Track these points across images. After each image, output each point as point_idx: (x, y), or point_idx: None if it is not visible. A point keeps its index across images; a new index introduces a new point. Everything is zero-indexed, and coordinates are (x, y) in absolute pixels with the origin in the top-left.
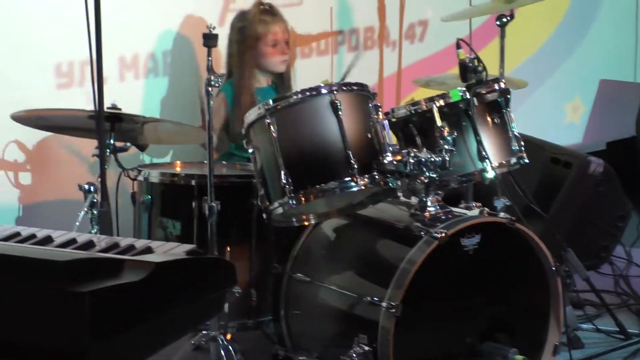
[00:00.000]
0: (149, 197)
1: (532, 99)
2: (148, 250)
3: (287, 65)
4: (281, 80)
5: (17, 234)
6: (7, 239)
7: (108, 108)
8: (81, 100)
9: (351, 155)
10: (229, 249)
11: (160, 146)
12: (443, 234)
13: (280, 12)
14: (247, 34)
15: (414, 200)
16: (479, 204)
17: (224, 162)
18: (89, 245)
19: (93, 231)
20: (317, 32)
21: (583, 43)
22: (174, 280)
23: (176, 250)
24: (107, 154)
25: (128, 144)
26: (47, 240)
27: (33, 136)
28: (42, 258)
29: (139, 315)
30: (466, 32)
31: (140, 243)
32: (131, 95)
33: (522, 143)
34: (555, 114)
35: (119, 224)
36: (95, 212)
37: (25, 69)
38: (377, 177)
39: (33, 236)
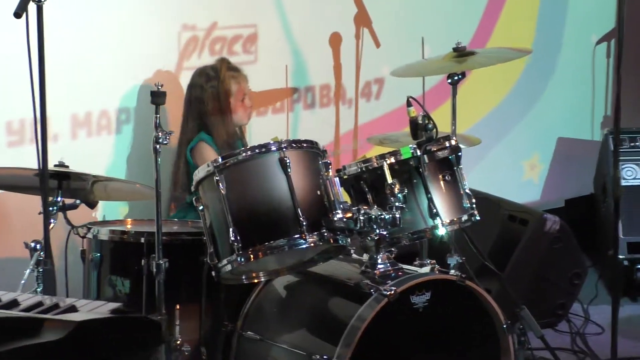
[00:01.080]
0: (99, 254)
1: (490, 156)
2: (72, 309)
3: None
4: (242, 134)
5: None
6: None
7: (55, 165)
8: (32, 158)
9: (300, 213)
10: (178, 306)
11: (114, 202)
12: (392, 292)
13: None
14: (221, 90)
15: (365, 257)
16: (433, 261)
17: (175, 220)
18: (12, 304)
19: (39, 289)
20: (272, 89)
21: (540, 101)
22: (96, 339)
23: (101, 309)
24: (54, 211)
25: (77, 202)
26: None
27: None
28: None
29: None
30: (421, 91)
31: (65, 302)
32: (85, 153)
33: (474, 200)
34: (513, 171)
35: (69, 282)
36: (40, 269)
37: None
38: (326, 234)
39: None
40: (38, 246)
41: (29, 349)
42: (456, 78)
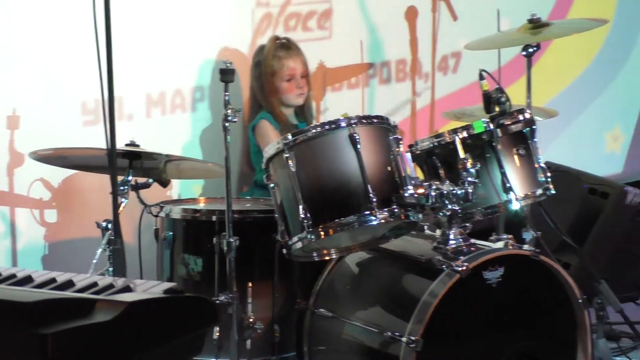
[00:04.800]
0: (171, 233)
1: (571, 128)
2: (127, 289)
3: (305, 98)
4: (302, 113)
5: None
6: None
7: (126, 145)
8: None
9: (370, 189)
10: (251, 284)
11: (189, 181)
12: (464, 267)
13: (297, 46)
14: (262, 70)
15: (438, 233)
16: (509, 237)
17: (247, 197)
18: (68, 285)
19: (110, 269)
20: (347, 65)
21: (622, 72)
22: (147, 320)
23: (155, 289)
24: (125, 190)
25: (150, 180)
26: (26, 280)
27: (58, 174)
28: (9, 299)
29: (108, 357)
30: (497, 65)
31: (121, 282)
32: (160, 132)
33: (549, 174)
34: (595, 143)
35: (143, 261)
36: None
37: (51, 106)
38: (396, 210)
39: (12, 276)
40: (109, 225)
41: (80, 329)
42: (531, 50)
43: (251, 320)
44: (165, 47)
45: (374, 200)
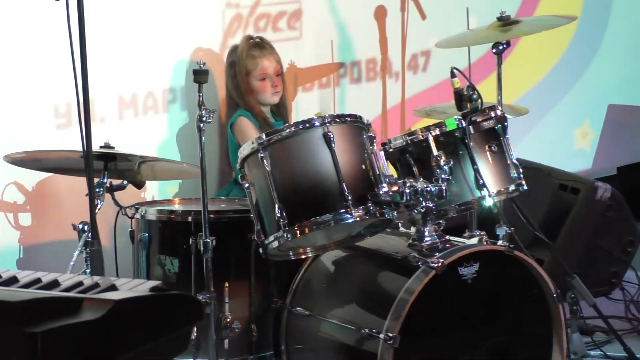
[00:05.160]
0: (147, 234)
1: (540, 125)
2: (112, 287)
3: (280, 97)
4: (278, 112)
5: None
6: None
7: (101, 147)
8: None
9: (345, 187)
10: (227, 284)
11: (163, 183)
12: (440, 264)
13: (270, 45)
14: (237, 70)
15: (412, 230)
16: (482, 233)
17: (222, 198)
18: (53, 284)
19: (88, 271)
20: (318, 65)
21: (590, 69)
22: (134, 317)
23: (140, 288)
24: (101, 192)
25: (125, 182)
26: (12, 281)
27: (32, 177)
28: None
29: (97, 355)
30: (467, 62)
31: (105, 281)
32: (133, 134)
33: (522, 170)
34: (564, 140)
35: (118, 262)
36: (88, 250)
37: (24, 110)
38: (372, 208)
39: None
40: (85, 227)
41: (68, 328)
42: (501, 47)
43: (228, 319)
44: (135, 48)
45: (349, 198)
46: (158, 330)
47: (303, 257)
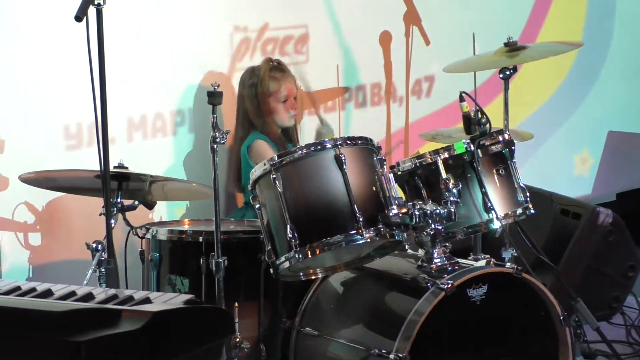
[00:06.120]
0: (157, 254)
1: (541, 151)
2: (146, 300)
3: (294, 120)
4: (288, 135)
5: (18, 288)
6: (7, 292)
7: (115, 167)
8: (90, 160)
9: (356, 209)
10: (237, 304)
11: (171, 204)
12: (449, 285)
13: (288, 68)
14: (259, 91)
15: (420, 252)
16: (487, 256)
17: (231, 219)
18: (88, 297)
19: None
20: (323, 89)
21: (590, 95)
22: (171, 329)
23: (174, 300)
24: (114, 212)
25: (136, 202)
26: (47, 293)
27: (42, 197)
28: (39, 309)
29: None
30: (472, 87)
31: (139, 294)
32: (141, 155)
33: (528, 194)
34: (565, 165)
35: (128, 282)
36: (102, 269)
37: (35, 131)
38: (382, 230)
39: (33, 290)
40: (99, 247)
41: (109, 338)
42: (508, 73)
43: (238, 339)
44: (144, 71)
45: (361, 219)
46: (193, 342)
47: (313, 277)
